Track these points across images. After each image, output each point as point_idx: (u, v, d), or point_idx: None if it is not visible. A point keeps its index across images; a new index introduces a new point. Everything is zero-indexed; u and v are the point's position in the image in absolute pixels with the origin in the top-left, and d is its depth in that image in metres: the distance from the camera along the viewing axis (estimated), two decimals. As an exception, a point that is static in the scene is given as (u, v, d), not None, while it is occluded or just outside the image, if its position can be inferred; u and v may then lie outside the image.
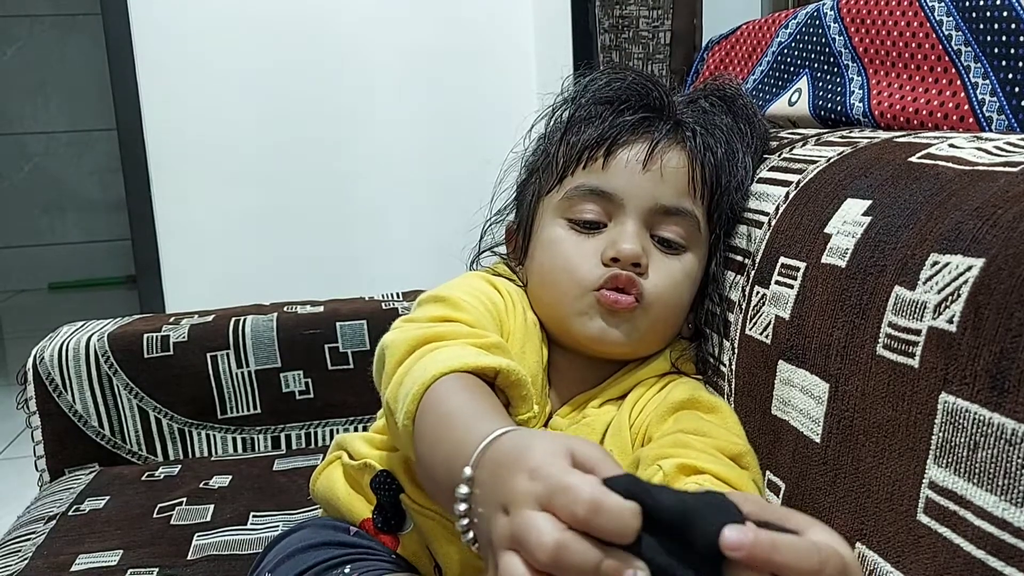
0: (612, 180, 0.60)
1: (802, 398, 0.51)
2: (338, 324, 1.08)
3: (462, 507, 0.37)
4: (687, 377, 0.63)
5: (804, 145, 0.66)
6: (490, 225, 0.72)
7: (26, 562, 0.80)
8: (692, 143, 0.62)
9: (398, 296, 1.17)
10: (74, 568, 0.78)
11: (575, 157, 0.62)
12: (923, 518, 0.39)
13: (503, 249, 0.72)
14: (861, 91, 0.74)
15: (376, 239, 1.85)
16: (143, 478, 0.98)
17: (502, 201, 0.72)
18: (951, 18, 0.65)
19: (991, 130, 0.60)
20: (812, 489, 0.49)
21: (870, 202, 0.51)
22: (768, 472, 0.55)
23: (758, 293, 0.59)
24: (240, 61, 1.77)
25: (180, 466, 1.01)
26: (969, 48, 0.64)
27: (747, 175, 0.66)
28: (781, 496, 0.53)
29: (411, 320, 0.59)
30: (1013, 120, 0.60)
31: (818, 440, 0.49)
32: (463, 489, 0.37)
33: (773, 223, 0.60)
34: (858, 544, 0.44)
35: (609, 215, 0.61)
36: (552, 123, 0.67)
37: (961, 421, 0.38)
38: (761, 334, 0.57)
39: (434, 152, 1.83)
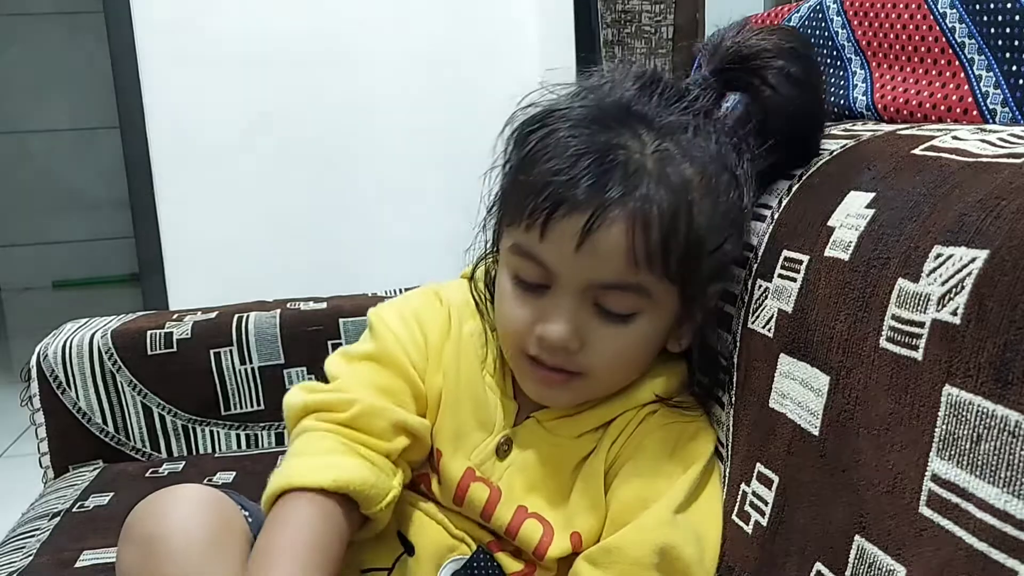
0: (547, 254, 0.54)
1: (801, 391, 0.51)
2: (341, 320, 1.08)
3: None
4: (668, 409, 0.61)
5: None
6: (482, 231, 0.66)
7: (31, 559, 0.80)
8: (641, 208, 0.52)
9: (401, 292, 1.17)
10: (78, 564, 0.78)
11: (517, 214, 0.55)
12: (925, 511, 0.39)
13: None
14: (864, 84, 0.74)
15: (379, 236, 1.86)
16: (147, 475, 0.98)
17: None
18: (955, 10, 0.65)
19: (995, 123, 0.60)
20: (808, 482, 0.49)
21: (873, 194, 0.51)
22: (760, 465, 0.55)
23: (760, 286, 0.59)
24: (243, 60, 1.77)
25: (184, 463, 1.01)
26: (973, 41, 0.63)
27: (737, 210, 0.57)
28: (774, 489, 0.53)
29: (346, 353, 0.64)
30: (1017, 112, 0.59)
31: (816, 433, 0.49)
32: None
33: (776, 216, 0.60)
34: (857, 537, 0.44)
35: (550, 280, 0.56)
36: (516, 138, 0.59)
37: (965, 413, 0.38)
38: (763, 327, 0.57)
39: (436, 150, 1.83)
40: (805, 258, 0.54)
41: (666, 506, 0.56)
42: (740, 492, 0.57)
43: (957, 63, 0.64)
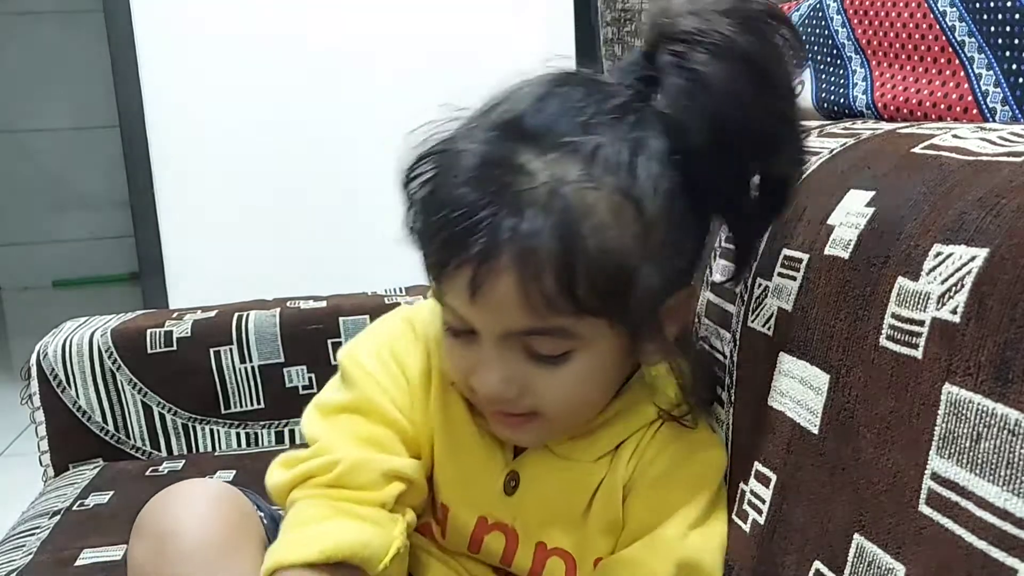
0: (453, 304, 0.51)
1: (801, 389, 0.51)
2: (341, 319, 1.08)
3: None
4: (675, 422, 0.58)
5: (807, 137, 0.66)
6: None
7: (31, 557, 0.80)
8: (529, 247, 0.45)
9: (401, 291, 1.17)
10: (79, 563, 0.78)
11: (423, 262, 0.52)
12: (925, 509, 0.39)
13: None
14: (864, 83, 0.74)
15: (379, 234, 1.85)
16: (147, 473, 0.98)
17: None
18: (954, 9, 0.65)
19: (995, 121, 0.60)
20: (807, 480, 0.49)
21: (873, 193, 0.50)
22: (758, 464, 0.55)
23: (760, 285, 0.59)
24: (243, 57, 1.77)
25: (184, 461, 1.01)
26: (973, 39, 0.63)
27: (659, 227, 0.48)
28: (772, 488, 0.53)
29: (321, 406, 0.59)
30: (1017, 111, 0.59)
31: (815, 431, 0.49)
32: None
33: (776, 215, 0.59)
34: (856, 535, 0.44)
35: (472, 327, 0.51)
36: (404, 183, 0.54)
37: (964, 412, 0.38)
38: (763, 326, 0.57)
39: (436, 148, 1.83)
40: (805, 257, 0.54)
41: (684, 519, 0.55)
42: (739, 491, 0.57)
43: (957, 62, 0.64)
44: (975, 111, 0.62)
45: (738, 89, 0.48)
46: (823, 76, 0.81)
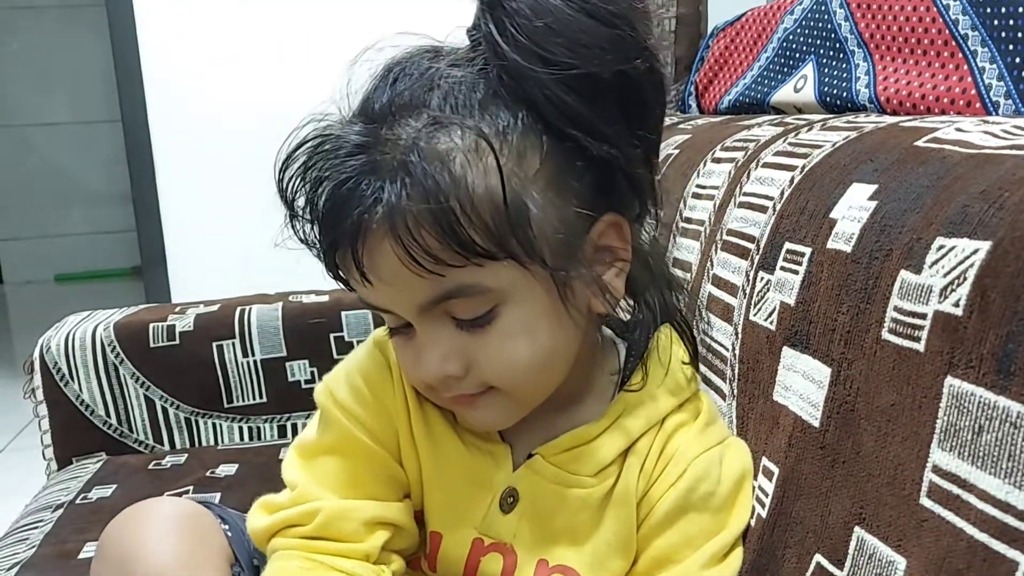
0: (362, 293, 0.49)
1: (802, 383, 0.51)
2: (343, 313, 1.09)
3: None
4: (695, 423, 0.55)
5: (809, 130, 0.66)
6: None
7: (34, 550, 0.80)
8: (396, 210, 0.44)
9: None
10: (81, 555, 0.79)
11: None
12: (926, 502, 0.39)
13: None
14: (867, 77, 0.74)
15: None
16: (150, 467, 0.98)
17: None
18: (958, 2, 0.65)
19: (998, 114, 0.60)
20: (809, 474, 0.49)
21: (876, 186, 0.50)
22: (764, 458, 0.55)
23: (762, 279, 0.59)
24: (245, 50, 1.77)
25: (187, 455, 1.02)
26: (976, 32, 0.63)
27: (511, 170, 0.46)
28: (774, 481, 0.53)
29: (302, 448, 0.56)
30: (1020, 104, 0.59)
31: (817, 425, 0.49)
32: None
33: (778, 208, 0.59)
34: (857, 528, 0.44)
35: (401, 318, 0.50)
36: (281, 186, 0.54)
37: (966, 405, 0.38)
38: (765, 320, 0.57)
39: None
40: (807, 250, 0.54)
41: (703, 557, 0.52)
42: (742, 484, 0.57)
43: (960, 55, 0.64)
44: (978, 105, 0.62)
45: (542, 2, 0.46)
46: (826, 70, 0.81)
